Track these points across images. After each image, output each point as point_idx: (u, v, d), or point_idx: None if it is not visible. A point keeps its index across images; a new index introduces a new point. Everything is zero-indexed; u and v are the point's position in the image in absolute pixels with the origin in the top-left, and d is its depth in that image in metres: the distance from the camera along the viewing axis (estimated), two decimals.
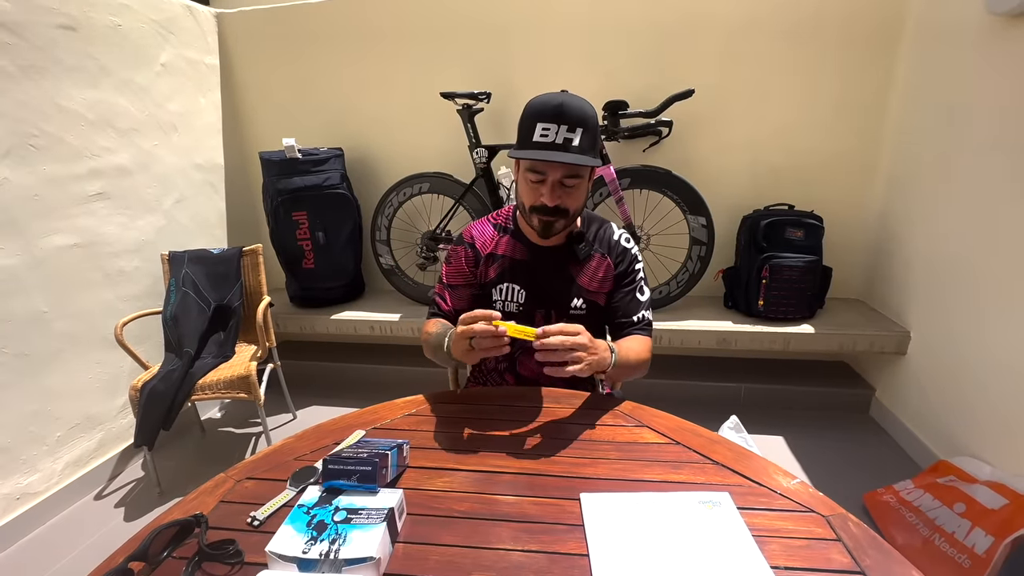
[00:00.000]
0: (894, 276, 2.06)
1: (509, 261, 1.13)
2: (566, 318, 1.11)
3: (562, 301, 1.11)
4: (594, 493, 0.74)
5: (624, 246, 1.14)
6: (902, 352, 1.95)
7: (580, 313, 1.11)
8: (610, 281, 1.13)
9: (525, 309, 1.12)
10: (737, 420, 1.49)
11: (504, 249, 1.13)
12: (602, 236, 1.15)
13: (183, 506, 0.76)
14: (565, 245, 1.11)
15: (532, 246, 1.12)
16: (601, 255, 1.13)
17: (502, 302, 1.13)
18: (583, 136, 0.93)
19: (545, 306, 1.12)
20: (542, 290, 1.12)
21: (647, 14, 2.10)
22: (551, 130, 0.92)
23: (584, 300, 1.11)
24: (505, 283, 1.12)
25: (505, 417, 0.95)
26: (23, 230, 1.68)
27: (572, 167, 0.95)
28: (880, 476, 1.73)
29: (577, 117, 0.93)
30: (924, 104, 1.87)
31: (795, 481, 0.76)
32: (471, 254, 1.15)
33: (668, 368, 2.36)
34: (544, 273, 1.11)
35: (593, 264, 1.12)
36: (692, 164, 2.22)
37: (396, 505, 0.68)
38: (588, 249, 1.12)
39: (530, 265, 1.12)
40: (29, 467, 1.71)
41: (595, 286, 1.12)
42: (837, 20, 1.98)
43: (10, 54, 1.63)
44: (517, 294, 1.12)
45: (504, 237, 1.14)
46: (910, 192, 1.96)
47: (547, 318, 1.12)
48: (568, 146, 0.93)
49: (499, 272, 1.13)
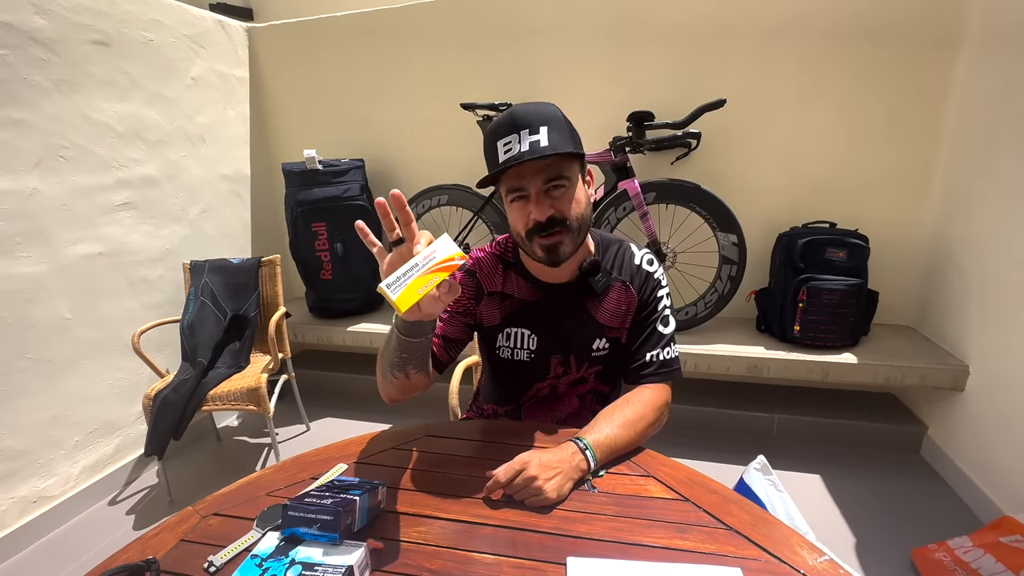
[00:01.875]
0: (950, 303, 1.86)
1: (518, 303, 0.98)
2: (587, 362, 1.00)
3: (581, 345, 0.98)
4: (583, 558, 0.65)
5: (647, 270, 0.98)
6: (959, 388, 1.75)
7: (602, 354, 0.98)
8: (632, 314, 0.98)
9: (538, 356, 0.99)
10: (765, 461, 1.35)
11: (510, 288, 0.99)
12: (622, 261, 0.99)
13: (142, 543, 0.71)
14: (579, 278, 0.96)
15: (540, 284, 0.97)
16: (624, 284, 0.97)
17: (511, 349, 1.00)
18: (550, 132, 0.80)
19: (562, 352, 0.99)
20: (557, 334, 0.98)
21: (674, 19, 1.99)
22: (512, 140, 0.81)
23: (607, 339, 0.98)
24: (513, 328, 0.99)
25: (497, 456, 0.87)
26: (50, 239, 1.73)
27: (552, 168, 0.82)
28: (932, 528, 1.54)
29: (536, 118, 0.81)
30: (987, 115, 1.68)
31: (823, 559, 0.64)
32: (471, 283, 1.00)
33: (695, 394, 2.22)
34: (558, 315, 0.97)
35: (615, 296, 0.97)
36: (724, 178, 2.09)
37: (357, 563, 0.61)
38: (606, 280, 0.95)
39: (540, 306, 0.97)
40: (47, 471, 1.75)
41: (618, 321, 0.97)
42: (890, 21, 1.82)
43: (44, 69, 1.69)
44: (528, 340, 0.98)
45: (508, 273, 1.00)
46: (969, 211, 1.77)
47: (565, 364, 1.00)
48: (536, 148, 0.80)
49: (505, 315, 0.99)
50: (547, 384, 1.02)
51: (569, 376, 1.01)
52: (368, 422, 2.39)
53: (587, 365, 1.00)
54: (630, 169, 1.97)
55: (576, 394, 1.03)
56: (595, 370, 1.01)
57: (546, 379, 1.01)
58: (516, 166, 0.81)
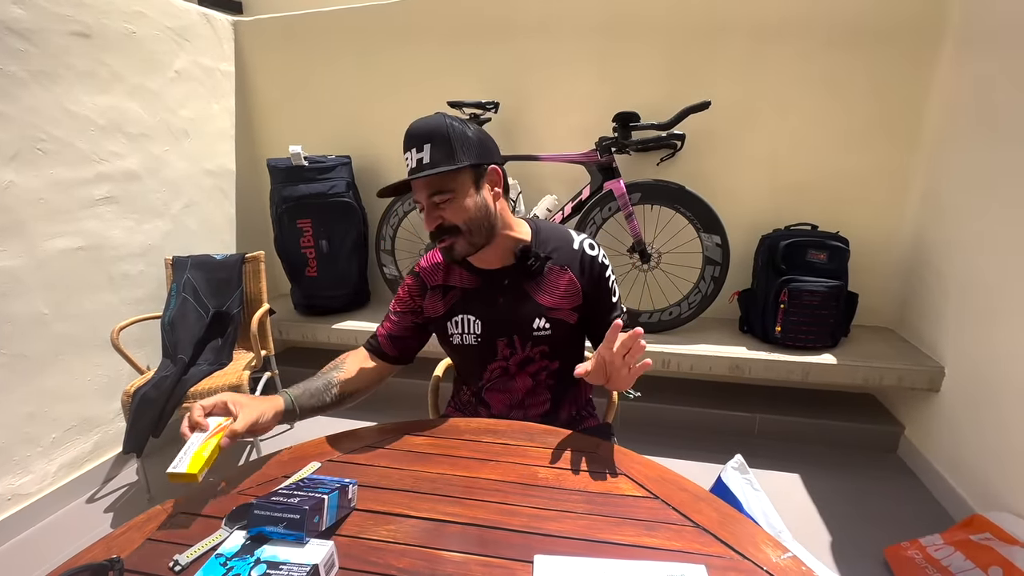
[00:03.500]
0: (928, 305, 1.89)
1: (460, 292, 1.06)
2: (530, 342, 1.04)
3: (522, 325, 1.03)
4: (551, 556, 0.65)
5: (589, 254, 1.04)
6: (935, 389, 1.78)
7: (545, 334, 1.03)
8: (576, 296, 1.04)
9: (484, 339, 1.05)
10: (742, 460, 1.37)
11: (452, 279, 1.07)
12: (557, 248, 1.05)
13: (107, 542, 0.71)
14: (516, 264, 1.03)
15: (480, 271, 1.05)
16: (560, 267, 1.03)
17: (460, 335, 1.06)
18: (432, 150, 0.89)
19: (506, 333, 1.04)
20: (499, 317, 1.04)
21: (661, 23, 2.01)
22: (409, 157, 0.91)
23: (547, 319, 1.03)
24: (459, 315, 1.05)
25: (471, 454, 0.88)
26: (27, 232, 1.70)
27: (434, 184, 0.90)
28: (906, 526, 1.57)
29: (421, 135, 0.90)
30: (966, 119, 1.71)
31: (786, 556, 0.65)
32: (415, 283, 1.10)
33: (678, 394, 2.24)
34: (497, 298, 1.04)
35: (552, 279, 1.03)
36: (709, 179, 2.11)
37: (323, 561, 0.61)
38: (541, 264, 1.02)
39: (481, 292, 1.05)
40: (22, 468, 1.72)
41: (555, 302, 1.03)
42: (870, 27, 1.85)
43: (22, 60, 1.66)
44: (473, 325, 1.05)
45: (452, 267, 1.07)
46: (948, 214, 1.80)
47: (510, 346, 1.04)
48: (421, 166, 0.89)
49: (450, 305, 1.06)
50: (498, 365, 1.08)
51: (516, 356, 1.06)
52: (353, 420, 2.37)
53: (531, 344, 1.05)
54: (616, 169, 1.98)
55: (527, 373, 1.08)
56: (540, 349, 1.05)
57: (496, 360, 1.07)
58: (413, 181, 0.90)
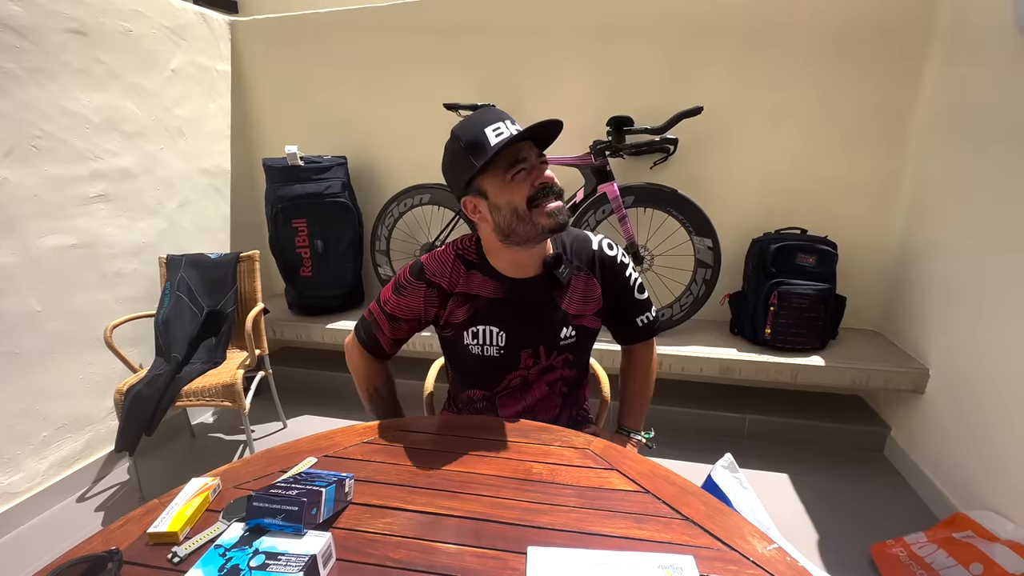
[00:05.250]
0: (913, 308, 1.93)
1: (484, 302, 1.00)
2: (556, 351, 1.03)
3: (550, 335, 1.01)
4: (543, 548, 0.67)
5: (608, 254, 1.05)
6: (920, 391, 1.82)
7: (570, 341, 1.03)
8: (597, 300, 1.04)
9: (507, 350, 1.01)
10: (732, 459, 1.39)
11: (474, 288, 1.01)
12: (580, 251, 1.04)
13: (105, 535, 0.71)
14: (544, 272, 1.00)
15: (506, 280, 1.00)
16: (586, 273, 1.03)
17: (479, 346, 1.01)
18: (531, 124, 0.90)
19: (532, 344, 1.02)
20: (526, 329, 1.01)
21: (655, 29, 2.04)
22: (501, 127, 0.88)
23: (573, 327, 1.02)
24: (481, 326, 1.00)
25: (465, 450, 0.89)
26: (20, 229, 1.69)
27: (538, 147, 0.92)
28: (891, 524, 1.60)
29: (506, 114, 0.91)
30: (950, 128, 1.75)
31: (772, 547, 0.68)
32: (435, 295, 1.01)
33: (670, 395, 2.26)
34: (526, 309, 1.00)
35: (579, 286, 1.03)
36: (701, 183, 2.14)
37: (320, 551, 0.62)
38: (570, 270, 1.01)
39: (508, 303, 1.00)
40: (13, 466, 1.71)
41: (580, 309, 1.03)
42: (859, 35, 1.88)
43: (17, 57, 1.66)
44: (496, 337, 1.00)
45: (472, 273, 1.01)
46: (933, 220, 1.84)
47: (534, 355, 1.03)
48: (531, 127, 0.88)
49: (471, 313, 1.01)
50: (518, 375, 1.05)
51: (539, 366, 1.04)
52: (347, 419, 2.38)
53: (556, 353, 1.04)
54: (609, 173, 2.01)
55: (545, 382, 1.07)
56: (563, 358, 1.05)
57: (517, 371, 1.04)
58: (510, 146, 0.87)
